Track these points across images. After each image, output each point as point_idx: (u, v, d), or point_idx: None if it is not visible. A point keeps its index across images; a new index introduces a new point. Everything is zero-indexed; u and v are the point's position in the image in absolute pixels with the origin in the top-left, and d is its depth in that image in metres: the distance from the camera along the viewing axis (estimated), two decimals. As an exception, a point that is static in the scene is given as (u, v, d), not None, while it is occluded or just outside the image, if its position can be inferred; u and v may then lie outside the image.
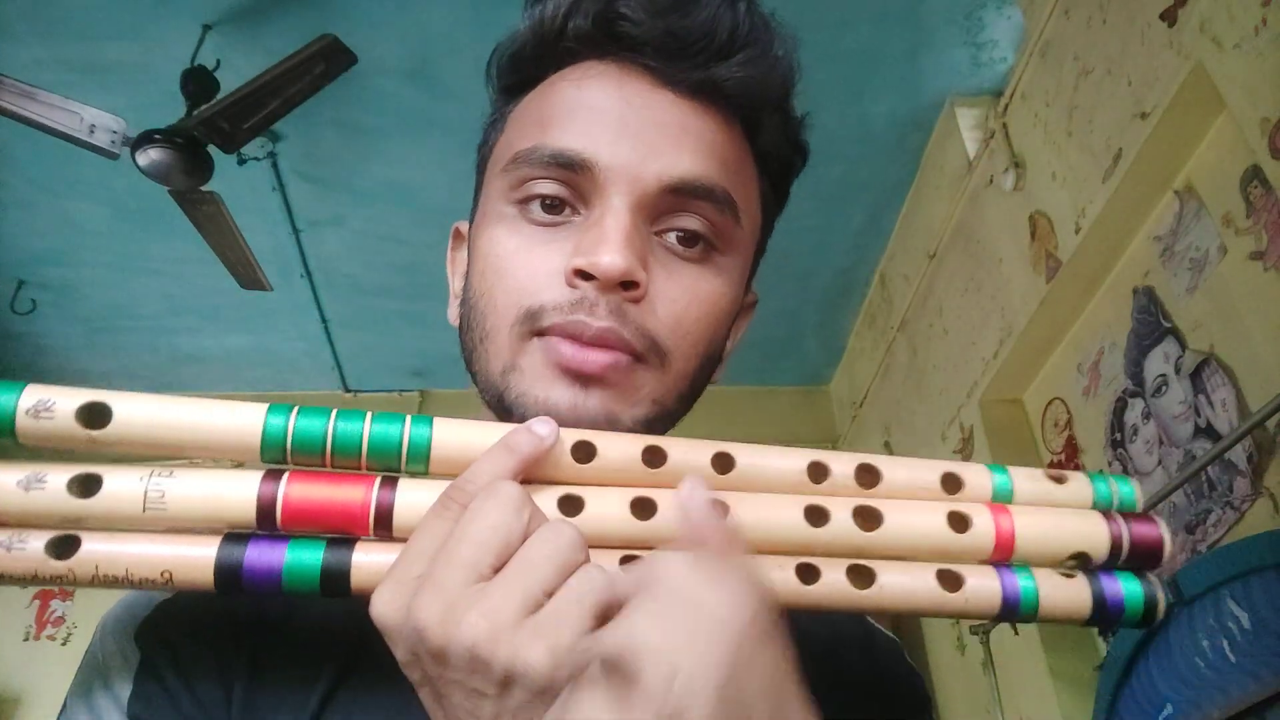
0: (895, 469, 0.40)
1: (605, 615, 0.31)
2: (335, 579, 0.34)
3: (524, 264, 0.45)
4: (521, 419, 0.42)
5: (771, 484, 0.38)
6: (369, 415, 0.36)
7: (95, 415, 0.35)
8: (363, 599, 0.34)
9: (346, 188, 2.76)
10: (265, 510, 0.35)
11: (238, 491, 0.35)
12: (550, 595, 0.31)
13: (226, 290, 2.85)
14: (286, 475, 0.35)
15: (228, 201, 2.37)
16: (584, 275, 0.42)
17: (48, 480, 0.34)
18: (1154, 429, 1.89)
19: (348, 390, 3.82)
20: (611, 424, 0.43)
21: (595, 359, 0.42)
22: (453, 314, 0.53)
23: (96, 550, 0.34)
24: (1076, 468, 2.19)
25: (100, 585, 0.34)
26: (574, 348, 0.42)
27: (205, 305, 3.24)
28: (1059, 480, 0.41)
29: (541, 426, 0.37)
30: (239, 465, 0.36)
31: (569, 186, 0.45)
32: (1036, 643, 2.10)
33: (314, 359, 3.61)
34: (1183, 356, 1.80)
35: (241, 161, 2.59)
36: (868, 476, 0.39)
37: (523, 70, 0.50)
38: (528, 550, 0.32)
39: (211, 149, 2.21)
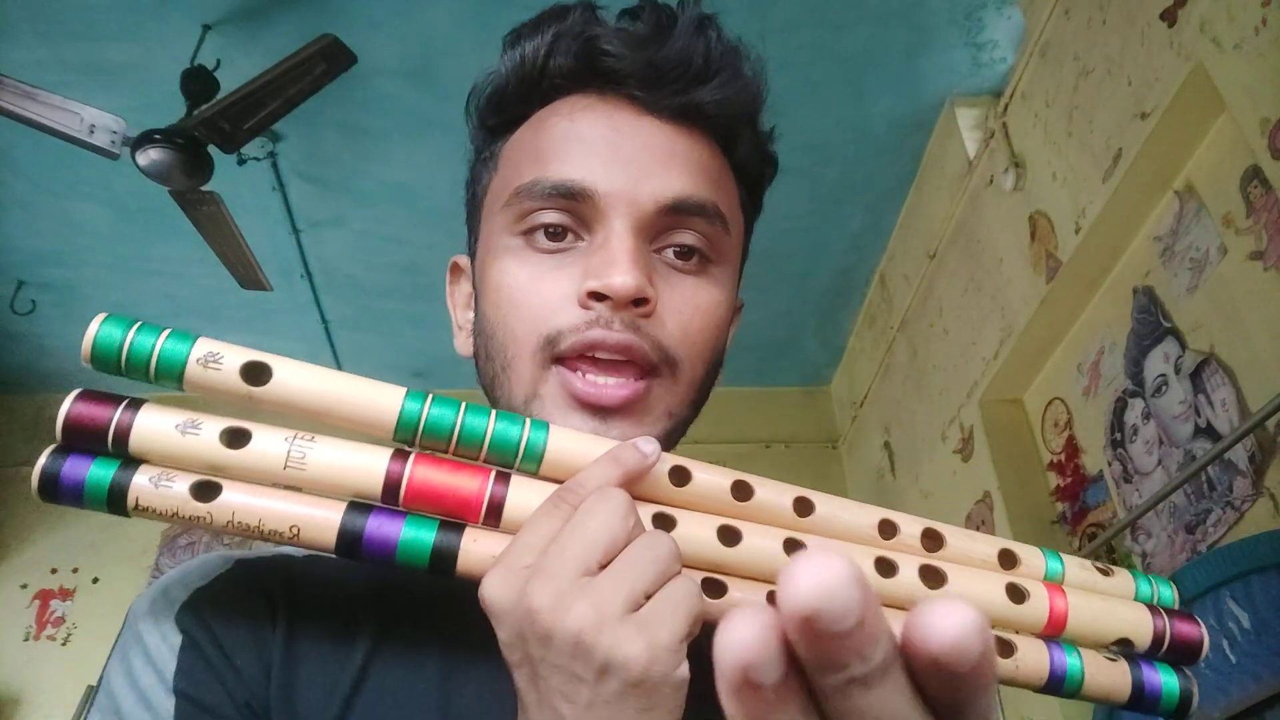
0: (957, 538, 0.41)
1: (696, 623, 0.33)
2: (444, 559, 0.37)
3: (536, 291, 0.47)
4: None
5: (843, 533, 0.41)
6: (494, 413, 0.39)
7: (257, 373, 0.37)
8: (434, 579, 0.38)
9: (347, 188, 2.76)
10: (391, 486, 0.37)
11: (369, 465, 0.37)
12: (649, 597, 0.33)
13: (226, 290, 2.85)
14: (413, 456, 0.38)
15: (228, 201, 2.37)
16: (597, 296, 0.45)
17: (202, 428, 0.37)
18: (1154, 429, 1.89)
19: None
20: None
21: (611, 394, 0.45)
22: (462, 345, 0.55)
23: (235, 500, 0.36)
24: (1077, 468, 2.20)
25: (232, 532, 0.37)
26: (587, 382, 0.45)
27: (205, 305, 3.24)
28: (1105, 573, 0.43)
29: (646, 445, 0.39)
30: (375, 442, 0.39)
31: (571, 214, 0.48)
32: (1036, 643, 2.10)
33: (314, 359, 3.58)
34: (1183, 356, 1.80)
35: (241, 161, 2.59)
36: (932, 541, 0.41)
37: (507, 109, 0.53)
38: (633, 552, 0.34)
39: (211, 149, 2.21)
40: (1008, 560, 0.42)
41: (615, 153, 0.48)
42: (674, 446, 0.50)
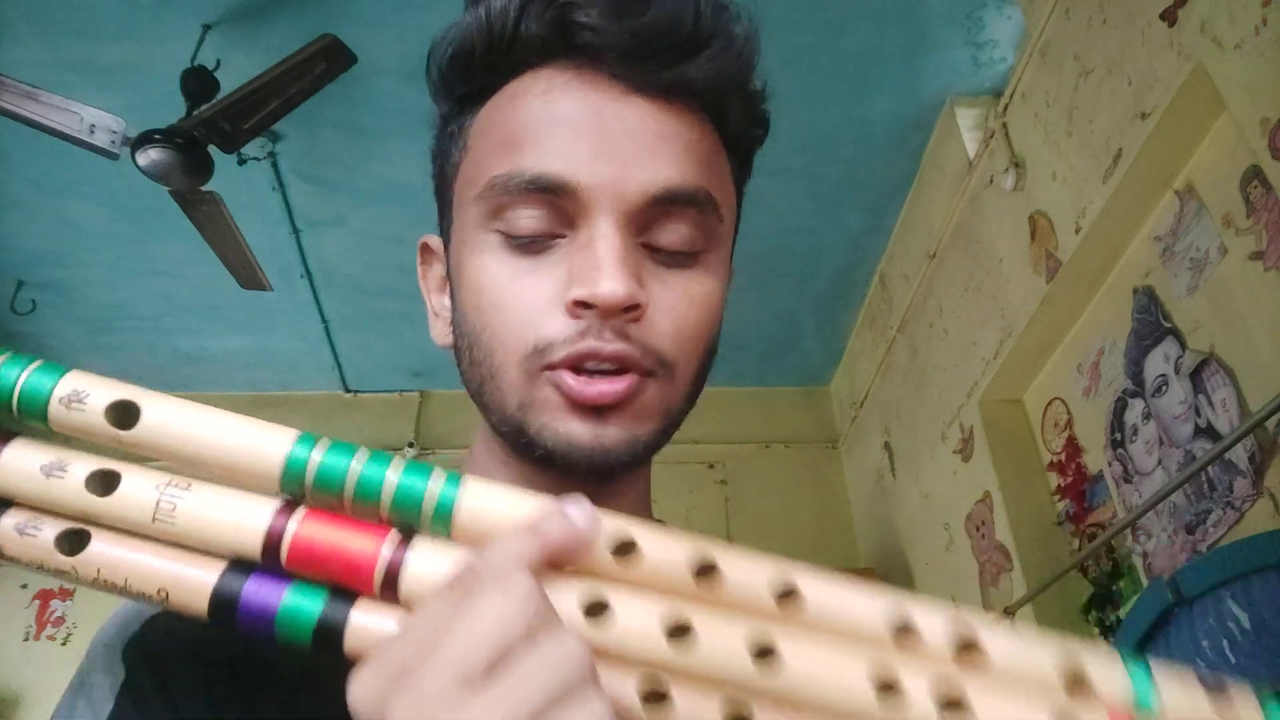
0: (1001, 643, 0.32)
1: None
2: (328, 634, 0.31)
3: (519, 295, 0.44)
4: (546, 452, 0.43)
5: (839, 628, 0.32)
6: (399, 461, 0.33)
7: (124, 414, 0.33)
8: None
9: (346, 188, 2.76)
10: (272, 543, 0.32)
11: (249, 518, 0.32)
12: None
13: (226, 290, 2.84)
14: (301, 511, 0.33)
15: (228, 201, 2.37)
16: (585, 305, 0.42)
17: (69, 470, 0.33)
18: (1154, 429, 1.89)
19: (348, 390, 3.82)
20: (634, 446, 0.44)
21: (607, 390, 0.43)
22: (440, 334, 0.52)
23: (103, 552, 0.32)
24: (1077, 468, 2.20)
25: (100, 589, 0.33)
26: (581, 382, 0.43)
27: (205, 305, 3.24)
28: (1218, 691, 0.32)
29: (579, 514, 0.32)
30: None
31: (551, 209, 0.44)
32: (1036, 643, 2.10)
33: (314, 359, 3.61)
34: (1183, 356, 1.80)
35: (241, 161, 2.59)
36: (966, 653, 0.31)
37: (474, 78, 0.48)
38: (524, 664, 0.27)
39: (211, 149, 2.21)
40: (1075, 685, 0.31)
41: (599, 140, 0.44)
42: (666, 443, 0.48)
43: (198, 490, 0.33)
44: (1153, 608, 1.66)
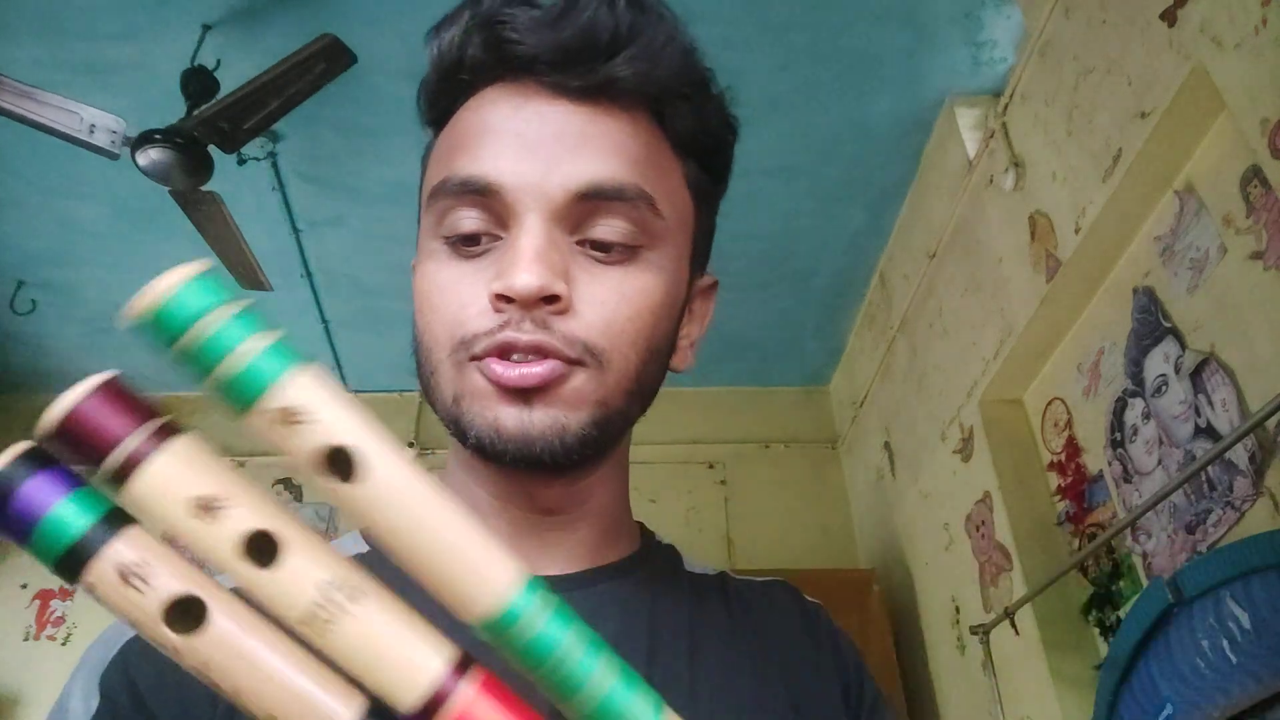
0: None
1: None
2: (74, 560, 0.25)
3: (454, 295, 0.46)
4: (476, 439, 0.45)
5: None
6: (610, 659, 0.28)
7: (345, 463, 0.26)
8: None
9: (346, 188, 2.76)
10: (432, 705, 0.26)
11: (416, 665, 0.26)
12: None
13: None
14: (478, 676, 0.27)
15: (228, 201, 2.37)
16: (504, 298, 0.44)
17: (228, 513, 0.26)
18: (1154, 429, 1.89)
19: (348, 390, 3.82)
20: (561, 433, 0.44)
21: (530, 372, 0.44)
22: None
23: (220, 643, 0.25)
24: (1077, 468, 2.20)
25: (199, 677, 0.26)
26: (504, 365, 0.44)
27: (205, 305, 3.24)
28: None
29: None
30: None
31: (485, 211, 0.46)
32: (1036, 643, 2.10)
33: (314, 359, 3.61)
34: (1183, 356, 1.80)
35: (241, 161, 2.59)
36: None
37: (437, 105, 0.52)
38: None
39: (211, 149, 2.21)
40: None
41: (522, 142, 0.46)
42: (617, 440, 0.49)
43: (366, 606, 0.26)
44: (1153, 608, 1.66)
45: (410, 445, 3.69)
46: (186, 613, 0.25)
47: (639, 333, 0.47)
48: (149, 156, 2.15)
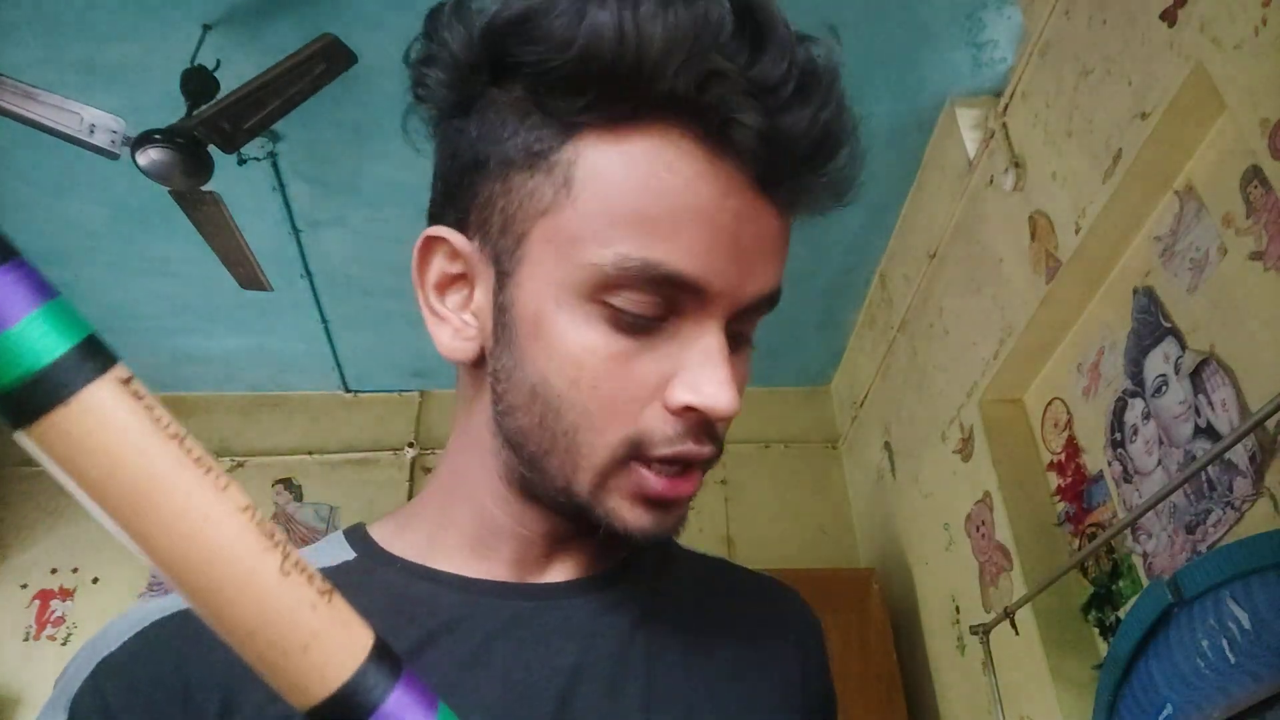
0: None
1: None
2: None
3: (622, 381, 0.42)
4: (604, 526, 0.44)
5: None
6: None
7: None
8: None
9: (346, 188, 2.76)
10: None
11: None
12: None
13: (226, 290, 2.85)
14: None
15: (228, 201, 2.37)
16: (692, 409, 0.42)
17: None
18: (1154, 429, 1.89)
19: (348, 390, 3.82)
20: (679, 527, 0.46)
21: (684, 490, 0.44)
22: (456, 348, 0.46)
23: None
24: (1077, 468, 2.20)
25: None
26: (663, 483, 0.43)
27: (205, 305, 3.24)
28: None
29: None
30: None
31: (669, 301, 0.41)
32: (1036, 643, 2.10)
33: (314, 359, 3.61)
34: (1183, 356, 1.80)
35: (241, 161, 2.59)
36: None
37: (586, 96, 0.40)
38: None
39: (211, 149, 2.21)
40: None
41: (735, 246, 0.41)
42: None
43: None
44: (1153, 608, 1.66)
45: (410, 445, 3.69)
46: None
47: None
48: (149, 156, 2.15)
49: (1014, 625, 2.12)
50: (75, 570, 3.31)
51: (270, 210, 2.81)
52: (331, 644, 0.23)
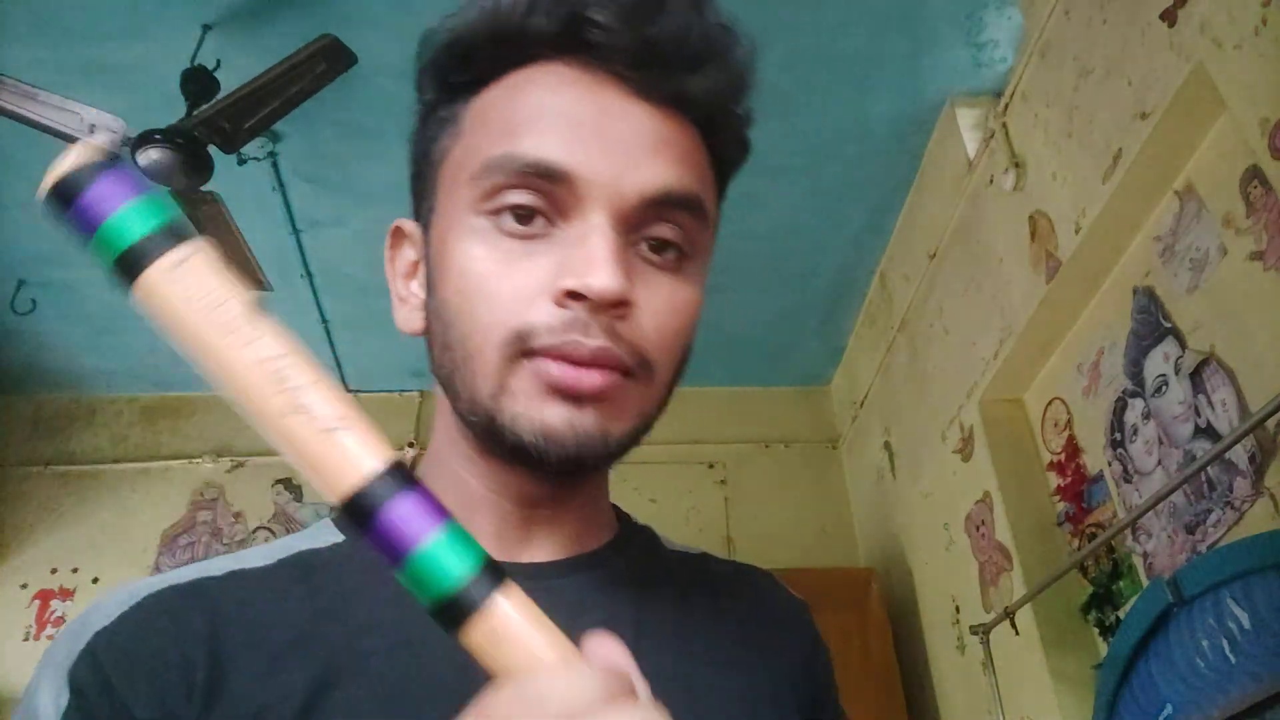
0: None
1: None
2: (460, 609, 0.29)
3: (506, 281, 0.44)
4: (517, 440, 0.43)
5: None
6: None
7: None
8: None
9: (346, 188, 2.76)
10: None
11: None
12: None
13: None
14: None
15: (228, 201, 2.37)
16: (574, 295, 0.42)
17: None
18: (1154, 429, 1.89)
19: (348, 390, 3.82)
20: (604, 440, 0.44)
21: (590, 380, 0.43)
22: (408, 320, 0.51)
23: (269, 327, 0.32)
24: (1077, 468, 2.20)
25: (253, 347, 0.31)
26: (565, 368, 0.42)
27: (205, 305, 3.24)
28: None
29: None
30: None
31: (545, 197, 0.44)
32: (1036, 643, 2.10)
33: (314, 359, 3.61)
34: (1183, 356, 1.80)
35: (241, 161, 2.59)
36: None
37: (474, 66, 0.48)
38: None
39: (211, 149, 2.21)
40: None
41: (601, 136, 0.44)
42: (634, 446, 0.48)
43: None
44: (1153, 608, 1.66)
45: (410, 445, 3.69)
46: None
47: (682, 345, 0.47)
48: (149, 156, 2.15)
49: (1014, 625, 2.12)
50: (75, 570, 3.31)
51: (270, 210, 2.81)
52: (328, 458, 0.29)
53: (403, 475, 0.30)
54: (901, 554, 3.06)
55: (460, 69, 0.48)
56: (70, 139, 2.09)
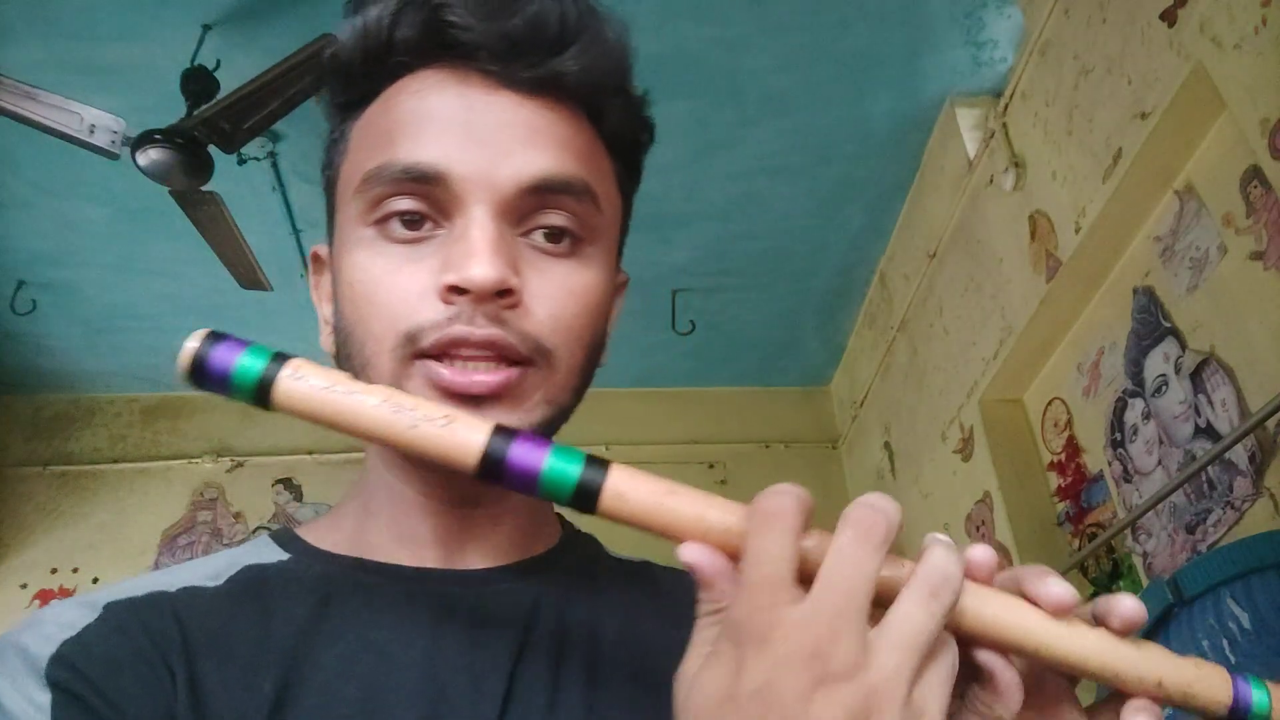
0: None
1: None
2: (587, 493, 0.37)
3: (393, 286, 0.44)
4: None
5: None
6: None
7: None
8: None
9: (346, 188, 2.76)
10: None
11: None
12: None
13: (226, 290, 2.84)
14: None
15: (228, 201, 2.37)
16: (457, 290, 0.43)
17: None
18: (1154, 429, 1.89)
19: (348, 390, 3.82)
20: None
21: (481, 382, 0.43)
22: (326, 342, 0.52)
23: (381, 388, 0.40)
24: (1077, 468, 2.20)
25: (379, 417, 0.38)
26: (455, 371, 0.43)
27: (205, 305, 3.24)
28: None
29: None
30: None
31: (426, 200, 0.45)
32: (1036, 643, 2.10)
33: (313, 359, 3.60)
34: (1183, 356, 1.80)
35: (241, 161, 2.59)
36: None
37: (355, 86, 0.50)
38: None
39: (211, 149, 2.21)
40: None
41: (469, 132, 0.45)
42: (555, 433, 0.48)
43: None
44: (1153, 608, 1.66)
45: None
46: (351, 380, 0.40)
47: (584, 329, 0.47)
48: (149, 156, 2.14)
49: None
50: (75, 570, 3.31)
51: (270, 210, 2.80)
52: (455, 441, 0.38)
53: (506, 432, 0.38)
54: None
55: (343, 90, 0.50)
56: (70, 139, 2.09)
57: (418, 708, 0.42)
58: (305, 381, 0.39)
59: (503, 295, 0.43)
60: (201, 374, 0.38)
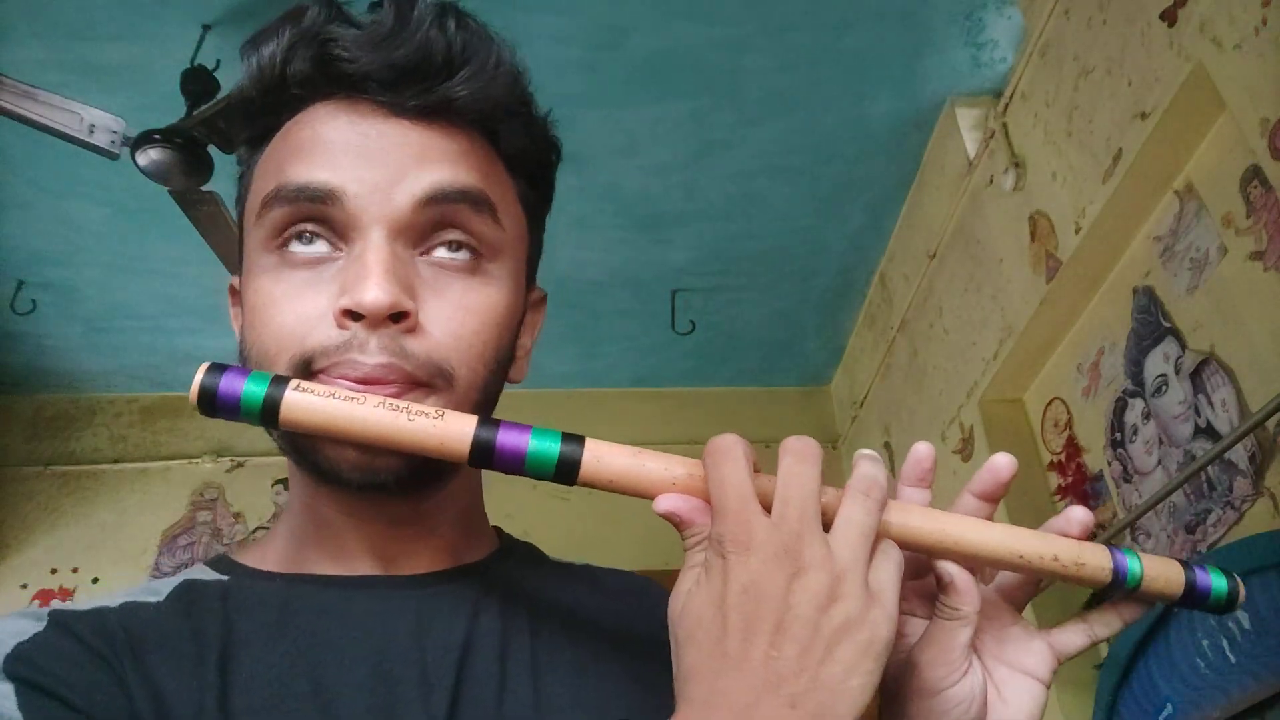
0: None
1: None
2: (568, 466, 0.42)
3: (290, 309, 0.45)
4: (316, 469, 0.44)
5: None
6: None
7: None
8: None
9: (346, 188, 2.76)
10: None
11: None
12: None
13: (226, 290, 2.84)
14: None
15: (228, 201, 2.37)
16: (351, 315, 0.43)
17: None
18: (1154, 429, 1.89)
19: (348, 390, 3.82)
20: (408, 463, 0.44)
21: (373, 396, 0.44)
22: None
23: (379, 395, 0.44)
24: (1078, 468, 2.20)
25: (378, 422, 0.42)
26: (350, 387, 0.43)
27: (205, 305, 3.24)
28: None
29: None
30: None
31: (322, 222, 0.46)
32: (1036, 643, 2.10)
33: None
34: (1183, 356, 1.80)
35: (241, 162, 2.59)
36: None
37: (257, 122, 0.51)
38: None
39: (211, 149, 2.21)
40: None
41: (363, 155, 0.46)
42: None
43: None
44: (1153, 608, 1.66)
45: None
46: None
47: (485, 345, 0.47)
48: (149, 156, 2.14)
49: (1014, 625, 2.12)
50: (75, 570, 3.31)
51: (270, 210, 2.81)
52: (449, 432, 0.41)
53: (492, 422, 0.42)
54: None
55: (246, 126, 0.52)
56: (70, 139, 2.09)
57: (369, 700, 0.43)
58: (306, 395, 0.41)
59: (397, 319, 0.44)
60: (212, 403, 0.41)
